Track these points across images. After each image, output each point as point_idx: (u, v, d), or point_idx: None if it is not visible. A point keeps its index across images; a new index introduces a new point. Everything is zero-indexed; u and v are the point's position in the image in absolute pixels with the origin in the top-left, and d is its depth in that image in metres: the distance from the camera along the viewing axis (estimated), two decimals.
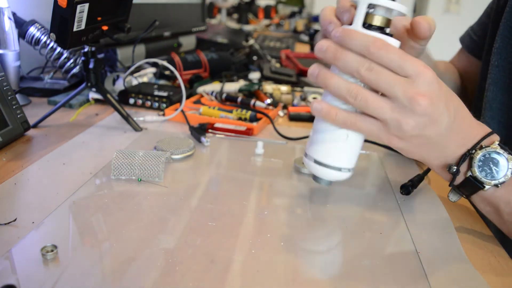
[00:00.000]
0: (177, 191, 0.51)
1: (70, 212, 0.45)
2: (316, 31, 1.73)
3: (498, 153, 0.42)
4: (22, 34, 0.87)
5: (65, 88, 0.87)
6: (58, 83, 0.89)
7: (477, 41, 0.79)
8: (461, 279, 0.39)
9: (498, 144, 0.43)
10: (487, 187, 0.43)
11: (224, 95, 0.85)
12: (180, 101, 0.80)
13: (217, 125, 0.71)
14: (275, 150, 0.65)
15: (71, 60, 0.90)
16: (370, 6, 0.40)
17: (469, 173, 0.43)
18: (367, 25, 0.41)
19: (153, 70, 0.96)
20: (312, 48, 1.65)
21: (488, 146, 0.43)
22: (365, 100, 0.40)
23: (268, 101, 0.82)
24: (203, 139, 0.65)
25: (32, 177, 0.52)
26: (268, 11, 2.42)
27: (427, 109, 0.39)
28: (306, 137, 0.70)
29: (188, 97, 0.85)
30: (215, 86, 0.90)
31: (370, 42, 0.38)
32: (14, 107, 0.62)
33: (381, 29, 0.41)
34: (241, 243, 0.42)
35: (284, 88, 0.92)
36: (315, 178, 0.47)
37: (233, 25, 2.09)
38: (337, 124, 0.43)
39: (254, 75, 1.03)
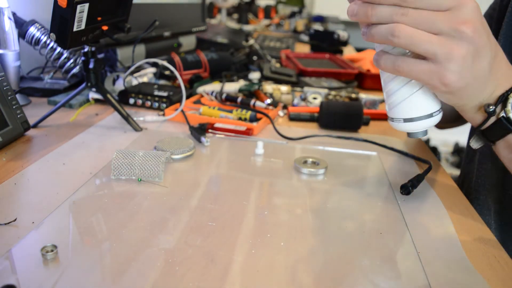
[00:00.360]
0: (177, 191, 0.51)
1: (70, 212, 0.45)
2: (316, 31, 1.72)
3: None
4: (22, 34, 0.87)
5: (65, 88, 0.87)
6: (58, 83, 0.89)
7: None
8: (461, 279, 0.39)
9: None
10: None
11: (224, 95, 0.85)
12: (180, 101, 0.80)
13: (217, 125, 0.71)
14: (275, 150, 0.65)
15: (71, 60, 0.90)
16: None
17: (502, 114, 0.43)
18: None
19: (153, 70, 0.96)
20: (312, 48, 1.65)
21: None
22: (410, 36, 0.39)
23: (268, 101, 0.82)
24: (203, 139, 0.65)
25: (32, 177, 0.52)
26: (268, 11, 2.42)
27: (474, 34, 0.38)
28: (306, 137, 0.70)
29: (188, 97, 0.86)
30: (215, 86, 0.90)
31: None
32: (14, 107, 0.62)
33: None
34: (241, 243, 0.42)
35: (284, 88, 0.92)
36: (410, 134, 0.47)
37: (233, 25, 2.09)
38: (386, 70, 0.42)
39: (254, 75, 1.03)
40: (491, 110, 0.43)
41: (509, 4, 0.64)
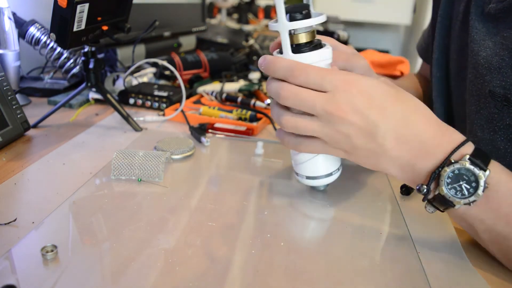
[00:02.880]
0: (177, 191, 0.51)
1: (70, 212, 0.45)
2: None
3: (468, 170, 0.37)
4: (22, 34, 0.87)
5: (65, 88, 0.87)
6: (58, 83, 0.89)
7: (425, 47, 0.78)
8: (461, 279, 0.39)
9: (469, 159, 0.38)
10: (457, 206, 0.39)
11: (224, 95, 0.85)
12: (180, 101, 0.80)
13: (217, 125, 0.71)
14: (275, 150, 0.65)
15: (71, 60, 0.90)
16: (291, 31, 0.43)
17: (437, 191, 0.39)
18: (294, 46, 0.43)
19: (153, 70, 0.96)
20: None
21: (457, 162, 0.38)
22: (295, 126, 0.42)
23: (268, 101, 0.82)
24: (203, 139, 0.65)
25: (32, 177, 0.52)
26: (268, 11, 2.42)
27: (349, 118, 0.40)
28: None
29: (188, 97, 0.85)
30: (215, 86, 0.90)
31: (291, 68, 0.41)
32: (14, 107, 0.62)
33: (310, 43, 0.43)
34: (241, 243, 0.42)
35: None
36: (312, 187, 0.53)
37: (233, 25, 2.09)
38: (292, 149, 0.47)
39: (254, 75, 1.03)
40: (424, 191, 0.40)
41: (438, 14, 0.64)
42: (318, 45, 0.44)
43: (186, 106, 0.80)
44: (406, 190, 0.53)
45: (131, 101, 0.82)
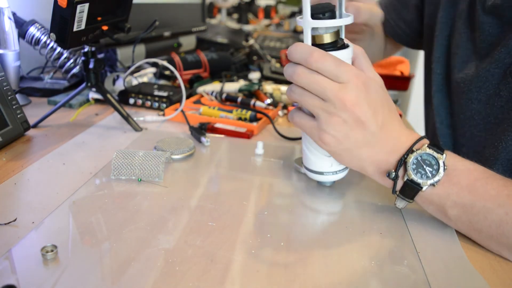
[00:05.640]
0: (177, 191, 0.51)
1: (70, 212, 0.45)
2: None
3: (428, 154, 0.44)
4: (22, 34, 0.87)
5: (65, 88, 0.87)
6: (58, 83, 0.89)
7: (401, 28, 0.87)
8: (461, 279, 0.39)
9: (428, 146, 0.45)
10: (424, 187, 0.44)
11: (224, 95, 0.85)
12: (180, 101, 0.80)
13: (217, 125, 0.71)
14: (275, 150, 0.65)
15: (71, 60, 0.90)
16: (314, 29, 0.44)
17: (406, 177, 0.45)
18: (316, 46, 0.45)
19: (153, 70, 0.96)
20: None
21: (419, 149, 0.45)
22: (301, 94, 0.46)
23: (268, 101, 0.82)
24: (203, 139, 0.65)
25: (32, 177, 0.52)
26: (268, 11, 2.42)
27: (354, 110, 0.43)
28: None
29: (188, 97, 0.85)
30: (215, 86, 0.90)
31: (308, 53, 0.43)
32: (14, 107, 0.62)
33: (333, 43, 0.45)
34: (241, 243, 0.42)
35: (284, 88, 0.92)
36: (320, 182, 0.55)
37: (233, 25, 2.09)
38: (289, 119, 0.49)
39: (254, 75, 1.03)
40: (393, 176, 0.45)
41: (437, 15, 0.69)
42: (341, 46, 0.45)
43: (186, 106, 0.80)
44: None
45: (131, 101, 0.82)
